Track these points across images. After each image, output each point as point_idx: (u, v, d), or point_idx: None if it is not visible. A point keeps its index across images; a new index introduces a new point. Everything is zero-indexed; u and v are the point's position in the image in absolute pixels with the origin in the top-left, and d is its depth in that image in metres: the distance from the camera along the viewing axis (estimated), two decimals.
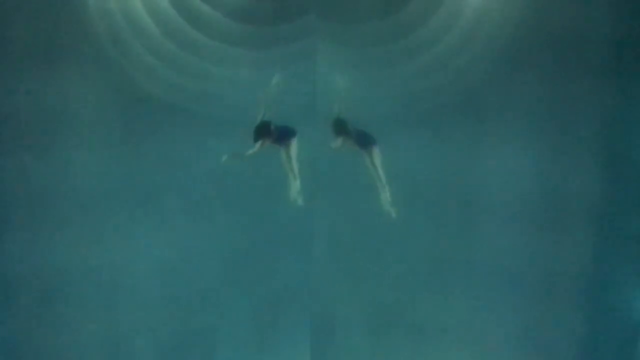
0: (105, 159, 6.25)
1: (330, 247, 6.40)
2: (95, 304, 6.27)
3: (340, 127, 5.85)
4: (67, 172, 6.21)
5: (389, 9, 6.37)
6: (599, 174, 6.26)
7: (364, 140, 5.94)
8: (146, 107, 6.28)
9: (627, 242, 6.24)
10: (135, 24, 6.30)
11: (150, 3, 6.32)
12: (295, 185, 6.10)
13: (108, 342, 6.29)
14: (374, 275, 6.44)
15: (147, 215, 6.34)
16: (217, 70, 6.38)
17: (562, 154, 6.29)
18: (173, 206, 6.37)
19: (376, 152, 6.01)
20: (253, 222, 6.35)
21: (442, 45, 6.37)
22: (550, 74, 6.27)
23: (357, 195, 6.29)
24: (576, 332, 6.27)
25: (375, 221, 6.38)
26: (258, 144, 5.77)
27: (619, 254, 6.23)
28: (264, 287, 6.45)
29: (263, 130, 5.75)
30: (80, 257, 6.22)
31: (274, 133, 5.78)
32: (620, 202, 6.24)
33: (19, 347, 6.18)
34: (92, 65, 6.21)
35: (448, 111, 6.36)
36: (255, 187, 6.43)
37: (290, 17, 6.33)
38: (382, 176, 6.03)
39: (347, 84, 6.10)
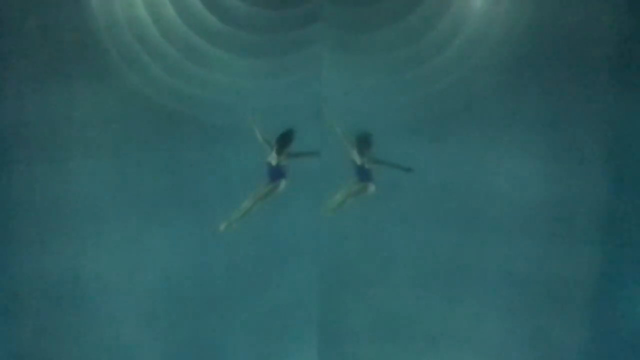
0: (112, 167, 6.28)
1: (337, 256, 6.37)
2: (101, 311, 6.28)
3: (365, 146, 5.91)
4: (73, 180, 6.25)
5: (394, 17, 6.38)
6: (606, 180, 6.22)
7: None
8: (153, 116, 6.32)
9: (636, 249, 6.20)
10: (141, 33, 6.34)
11: (156, 13, 6.36)
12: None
13: (114, 350, 6.28)
14: (382, 284, 6.40)
15: (154, 223, 6.34)
16: (223, 79, 6.41)
17: (569, 161, 6.26)
18: (179, 214, 6.37)
19: (372, 188, 6.07)
20: (260, 231, 6.33)
21: (447, 52, 6.38)
22: (557, 82, 6.26)
23: (363, 204, 6.25)
24: (585, 339, 6.21)
25: (383, 229, 6.38)
26: (282, 156, 5.82)
27: (627, 261, 6.18)
28: (271, 296, 6.42)
29: (290, 139, 5.80)
30: (86, 265, 6.25)
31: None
32: (628, 209, 6.20)
33: (26, 354, 6.19)
34: (99, 75, 6.26)
35: (454, 118, 6.35)
36: None
37: (296, 25, 6.35)
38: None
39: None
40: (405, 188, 6.28)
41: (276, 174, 6.01)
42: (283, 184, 6.06)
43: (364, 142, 6.03)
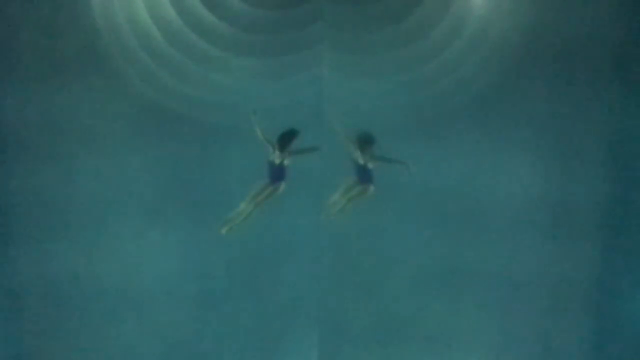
0: (112, 168, 6.26)
1: (338, 257, 6.38)
2: (103, 312, 6.29)
3: (366, 146, 5.92)
4: (74, 181, 6.23)
5: (395, 17, 6.37)
6: (606, 181, 6.24)
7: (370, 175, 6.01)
8: (153, 117, 6.29)
9: (636, 249, 6.22)
10: (142, 35, 6.32)
11: (157, 14, 6.33)
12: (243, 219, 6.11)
13: (115, 350, 6.29)
14: (383, 285, 6.41)
15: (154, 223, 6.34)
16: (224, 80, 6.38)
17: (570, 162, 6.29)
18: (180, 214, 6.36)
19: (371, 189, 6.07)
20: (260, 231, 6.32)
21: (448, 52, 6.37)
22: (558, 82, 6.27)
23: (364, 204, 6.25)
24: (586, 340, 6.24)
25: (383, 229, 6.38)
26: (285, 153, 5.82)
27: (628, 262, 6.21)
28: (272, 297, 6.43)
29: (292, 137, 5.80)
30: (88, 266, 6.25)
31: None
32: (628, 210, 6.23)
33: (27, 355, 6.18)
34: (100, 76, 6.23)
35: (455, 119, 6.35)
36: None
37: (297, 25, 6.33)
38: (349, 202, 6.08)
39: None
40: (406, 188, 6.29)
41: (278, 173, 6.00)
42: (282, 186, 6.06)
43: (365, 141, 6.03)
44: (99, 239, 6.26)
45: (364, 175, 6.09)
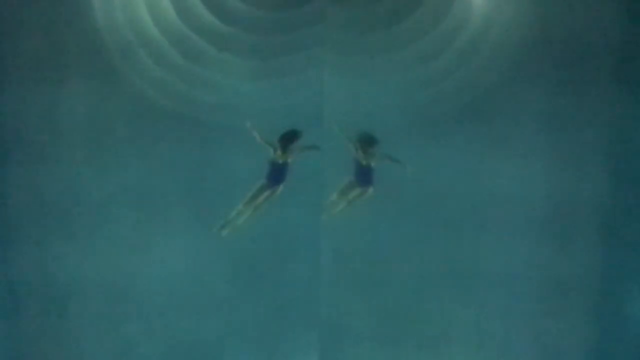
0: (114, 169, 6.27)
1: (338, 256, 6.38)
2: (103, 312, 6.28)
3: (367, 146, 5.93)
4: (76, 182, 6.24)
5: (396, 18, 6.38)
6: (608, 181, 6.26)
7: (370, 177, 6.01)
8: (155, 118, 6.30)
9: (637, 250, 6.23)
10: (143, 36, 6.32)
11: (158, 15, 6.34)
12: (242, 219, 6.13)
13: (116, 351, 6.29)
14: (383, 285, 6.42)
15: (156, 225, 6.34)
16: (225, 81, 6.39)
17: (571, 162, 6.30)
18: (181, 215, 6.36)
19: (370, 191, 6.09)
20: (261, 231, 6.32)
21: (449, 53, 6.38)
22: (559, 82, 6.28)
23: (365, 205, 6.26)
24: (587, 341, 6.26)
25: (384, 230, 6.39)
26: (288, 153, 5.84)
27: (630, 262, 6.22)
28: (272, 296, 6.42)
29: (293, 135, 5.80)
30: (88, 267, 6.25)
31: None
32: (630, 210, 6.24)
33: (27, 356, 6.17)
34: (101, 78, 6.24)
35: (456, 119, 6.35)
36: None
37: (298, 26, 6.34)
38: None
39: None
40: (406, 188, 6.29)
41: (279, 174, 6.02)
42: (280, 188, 6.08)
43: (367, 142, 6.05)
44: (99, 238, 6.26)
45: (365, 177, 6.10)
